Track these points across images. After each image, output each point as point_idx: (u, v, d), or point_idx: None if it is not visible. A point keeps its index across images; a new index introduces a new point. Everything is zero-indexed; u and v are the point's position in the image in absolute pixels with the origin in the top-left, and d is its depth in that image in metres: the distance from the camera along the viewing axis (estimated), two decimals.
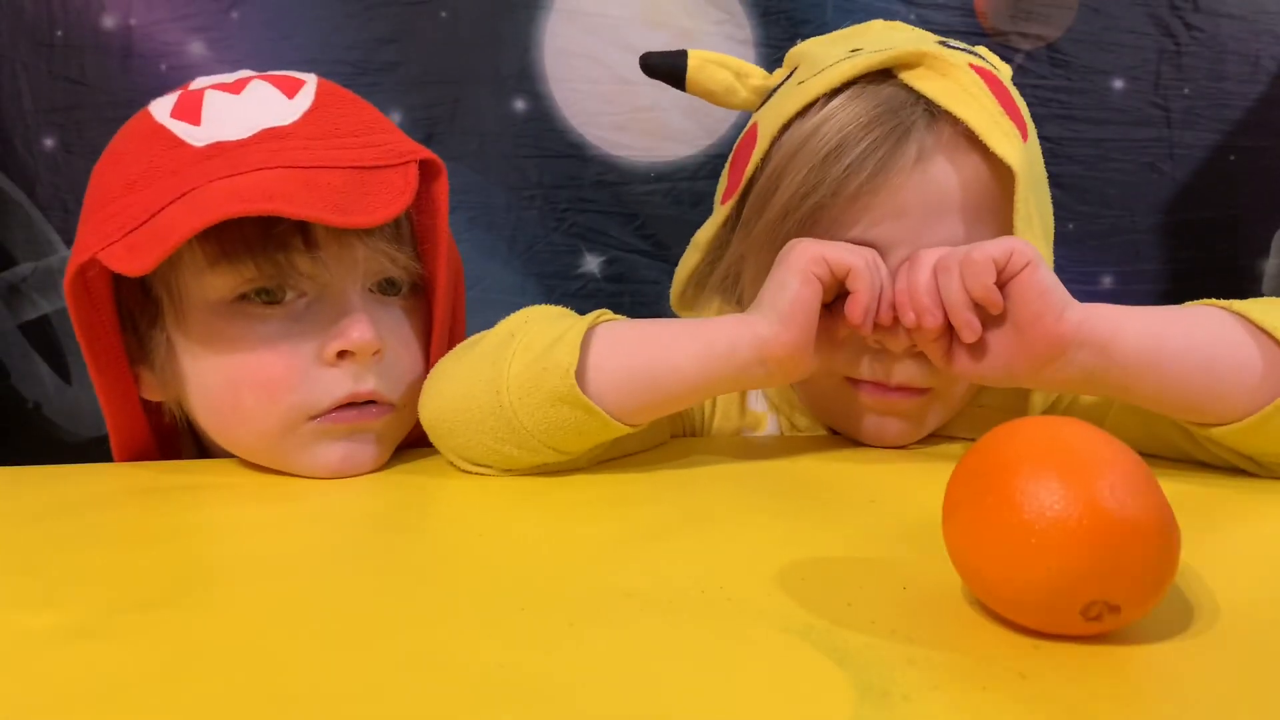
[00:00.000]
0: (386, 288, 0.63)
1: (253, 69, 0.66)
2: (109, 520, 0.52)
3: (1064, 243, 1.11)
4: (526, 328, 0.58)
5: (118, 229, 0.57)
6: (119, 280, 0.60)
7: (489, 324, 0.63)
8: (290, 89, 0.62)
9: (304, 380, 0.59)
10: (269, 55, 1.02)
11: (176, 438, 0.68)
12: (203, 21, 1.01)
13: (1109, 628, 0.37)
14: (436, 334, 0.64)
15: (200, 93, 0.62)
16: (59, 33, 1.01)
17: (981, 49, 0.69)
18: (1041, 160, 0.67)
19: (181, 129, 0.60)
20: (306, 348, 0.59)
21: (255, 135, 0.59)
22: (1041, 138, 0.67)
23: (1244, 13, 1.09)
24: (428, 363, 0.64)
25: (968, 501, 0.39)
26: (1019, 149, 0.61)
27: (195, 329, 0.60)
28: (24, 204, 1.04)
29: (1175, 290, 1.12)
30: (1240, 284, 1.14)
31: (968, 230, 0.61)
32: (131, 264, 0.55)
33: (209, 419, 0.63)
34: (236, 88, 0.62)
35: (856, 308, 0.58)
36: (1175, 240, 1.12)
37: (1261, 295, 1.13)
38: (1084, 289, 1.12)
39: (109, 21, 1.01)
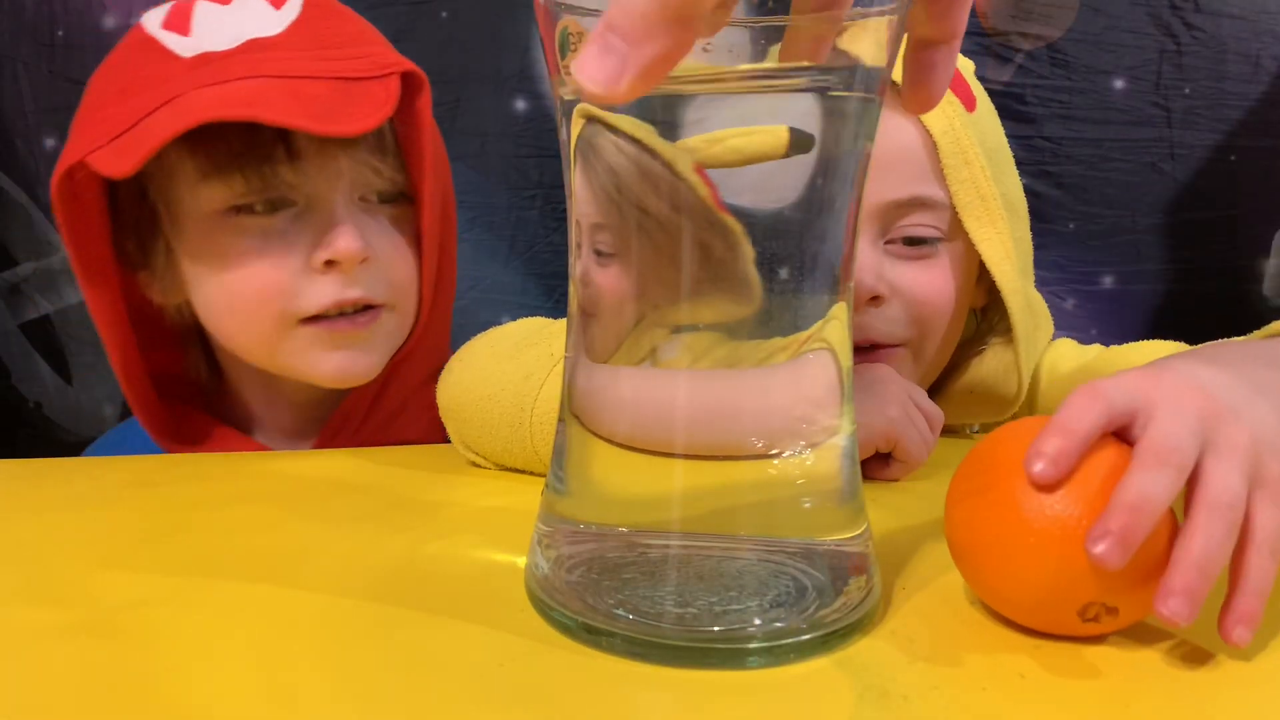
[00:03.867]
0: (375, 198, 0.66)
1: None
2: (110, 515, 0.53)
3: (1064, 243, 1.12)
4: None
5: (105, 134, 0.59)
6: (120, 191, 0.63)
7: (489, 324, 0.63)
8: (277, 0, 0.64)
9: (294, 286, 0.62)
10: None
11: (180, 343, 0.71)
12: None
13: (1108, 629, 0.37)
14: (426, 242, 0.67)
15: (191, 3, 0.63)
16: (60, 33, 1.01)
17: None
18: (1001, 137, 0.70)
19: (171, 39, 0.62)
20: (296, 256, 0.62)
21: (241, 45, 0.61)
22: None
23: (1245, 13, 1.09)
24: (420, 266, 0.68)
25: (968, 499, 0.39)
26: (951, 115, 0.64)
27: (192, 239, 0.64)
28: (25, 204, 1.04)
29: (1175, 290, 1.12)
30: (1240, 284, 1.13)
31: (907, 183, 0.64)
32: (116, 166, 0.57)
33: (212, 324, 0.67)
34: None
35: (901, 472, 0.59)
36: (1175, 240, 1.12)
37: (1262, 295, 1.13)
38: (1084, 289, 1.12)
39: (110, 21, 1.01)
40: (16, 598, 0.42)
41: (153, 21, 0.64)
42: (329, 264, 0.62)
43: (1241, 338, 0.56)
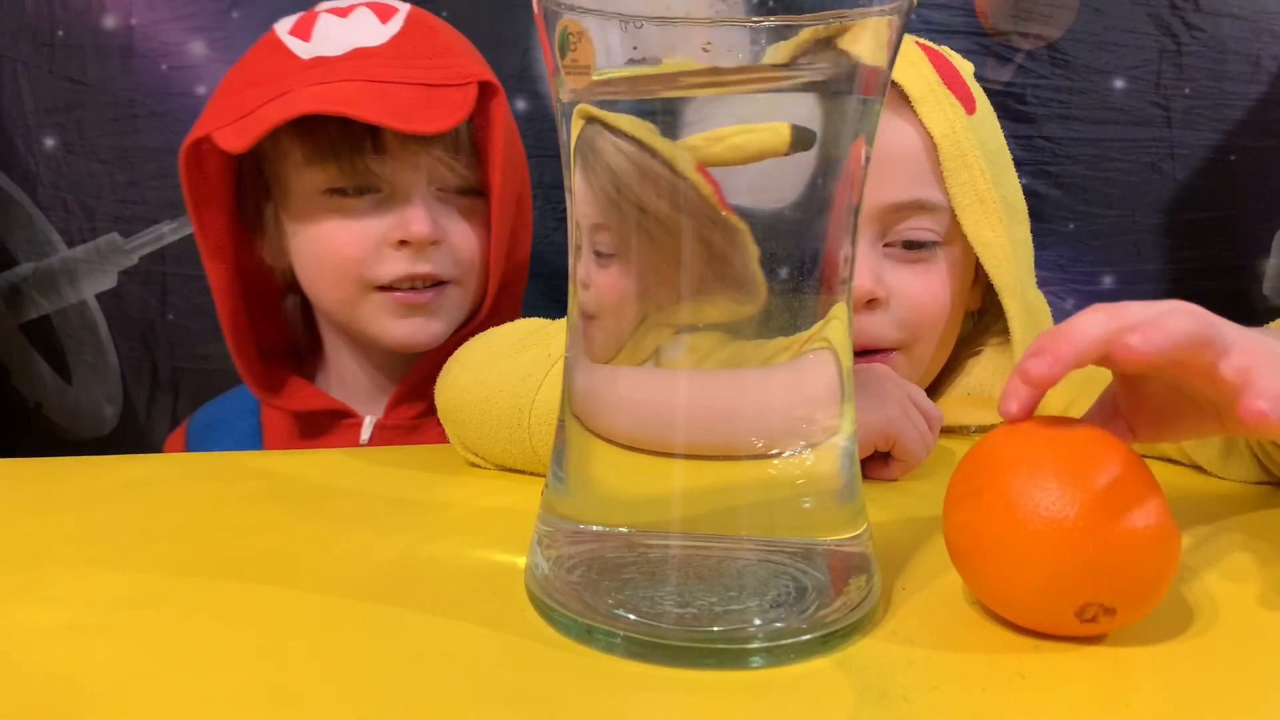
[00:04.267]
0: (449, 189, 0.77)
1: None
2: (110, 515, 0.52)
3: (1064, 243, 1.12)
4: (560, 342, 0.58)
5: (229, 116, 0.73)
6: (242, 167, 0.78)
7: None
8: (385, 15, 0.77)
9: (373, 258, 0.75)
10: None
11: (279, 297, 0.85)
12: (203, 21, 1.01)
13: (1105, 629, 0.37)
14: (495, 230, 0.77)
15: (316, 14, 0.77)
16: (60, 32, 1.01)
17: (944, 48, 0.72)
18: (1000, 139, 0.70)
19: (293, 43, 0.75)
20: (376, 233, 0.75)
21: (349, 53, 0.73)
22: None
23: (1245, 13, 1.09)
24: (488, 249, 0.79)
25: (966, 499, 0.39)
26: (952, 118, 0.64)
27: (295, 213, 0.77)
28: (25, 204, 1.04)
29: (1176, 290, 1.12)
30: (1240, 284, 1.13)
31: (907, 186, 0.64)
32: (234, 143, 0.71)
33: (306, 285, 0.80)
34: (344, 12, 0.77)
35: (900, 472, 0.59)
36: (1175, 240, 1.12)
37: (1262, 295, 1.13)
38: (1085, 289, 1.12)
39: (110, 21, 1.01)
40: (16, 598, 0.42)
41: (283, 27, 0.77)
42: (403, 243, 0.74)
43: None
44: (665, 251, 0.37)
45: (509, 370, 0.58)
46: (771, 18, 0.36)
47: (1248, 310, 1.12)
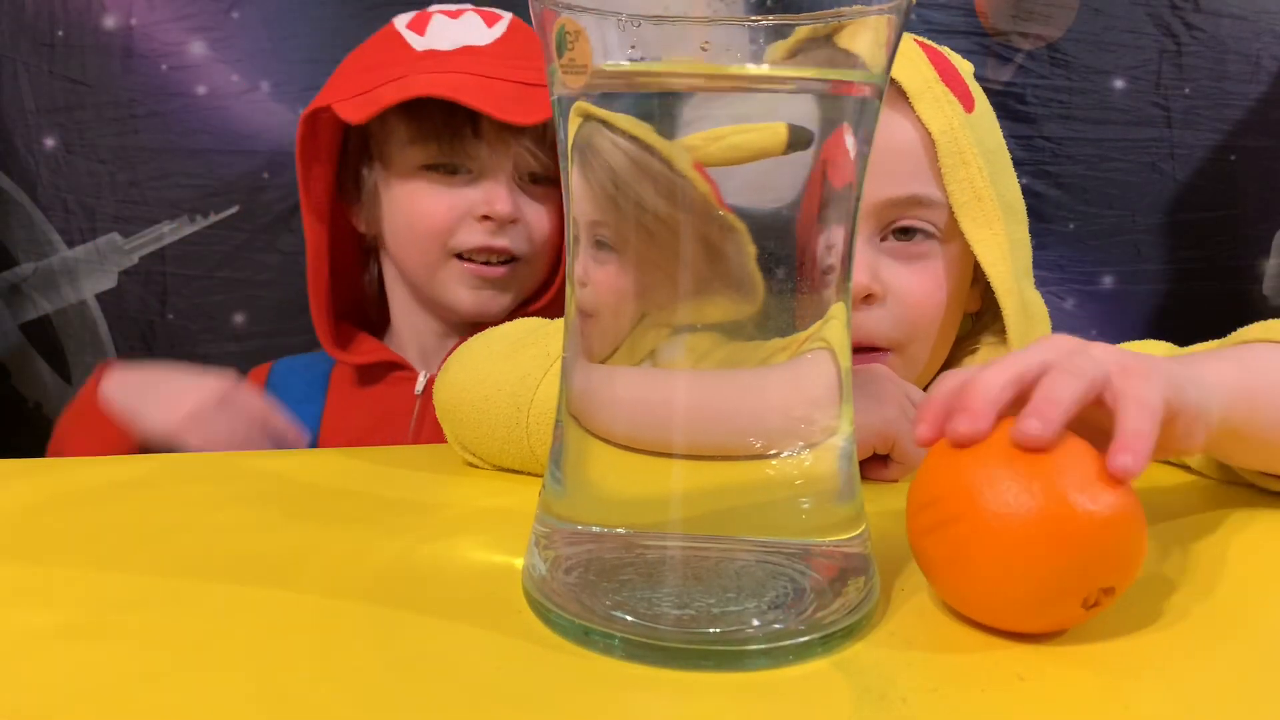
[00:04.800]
0: (531, 177, 0.87)
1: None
2: (110, 515, 0.52)
3: (1064, 243, 1.12)
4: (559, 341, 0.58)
5: (349, 92, 0.84)
6: (349, 143, 0.89)
7: None
8: (491, 20, 0.88)
9: (457, 228, 0.85)
10: (269, 55, 1.02)
11: (364, 260, 0.96)
12: (203, 21, 1.01)
13: (1106, 608, 0.37)
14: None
15: (430, 13, 0.88)
16: (60, 32, 1.01)
17: (944, 48, 0.72)
18: (999, 138, 0.70)
19: (410, 35, 0.86)
20: (463, 206, 0.85)
21: (458, 50, 0.84)
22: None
23: (1245, 13, 1.09)
24: (556, 232, 0.89)
25: (936, 524, 0.38)
26: (950, 115, 0.64)
27: (395, 184, 0.87)
28: (25, 204, 1.04)
29: (1175, 290, 1.12)
30: (1240, 284, 1.13)
31: (904, 182, 0.64)
32: (351, 115, 0.82)
33: (393, 247, 0.90)
34: (455, 14, 0.88)
35: (899, 473, 0.58)
36: (1175, 240, 1.12)
37: (1262, 295, 1.13)
38: (1084, 289, 1.11)
39: (110, 21, 1.01)
40: (16, 598, 0.42)
41: (401, 21, 0.88)
42: (485, 218, 0.85)
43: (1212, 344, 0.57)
44: (663, 249, 0.37)
45: (507, 370, 0.58)
46: (770, 17, 0.36)
47: (1248, 310, 1.12)
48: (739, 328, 0.38)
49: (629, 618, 0.37)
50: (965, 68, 0.71)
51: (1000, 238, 0.65)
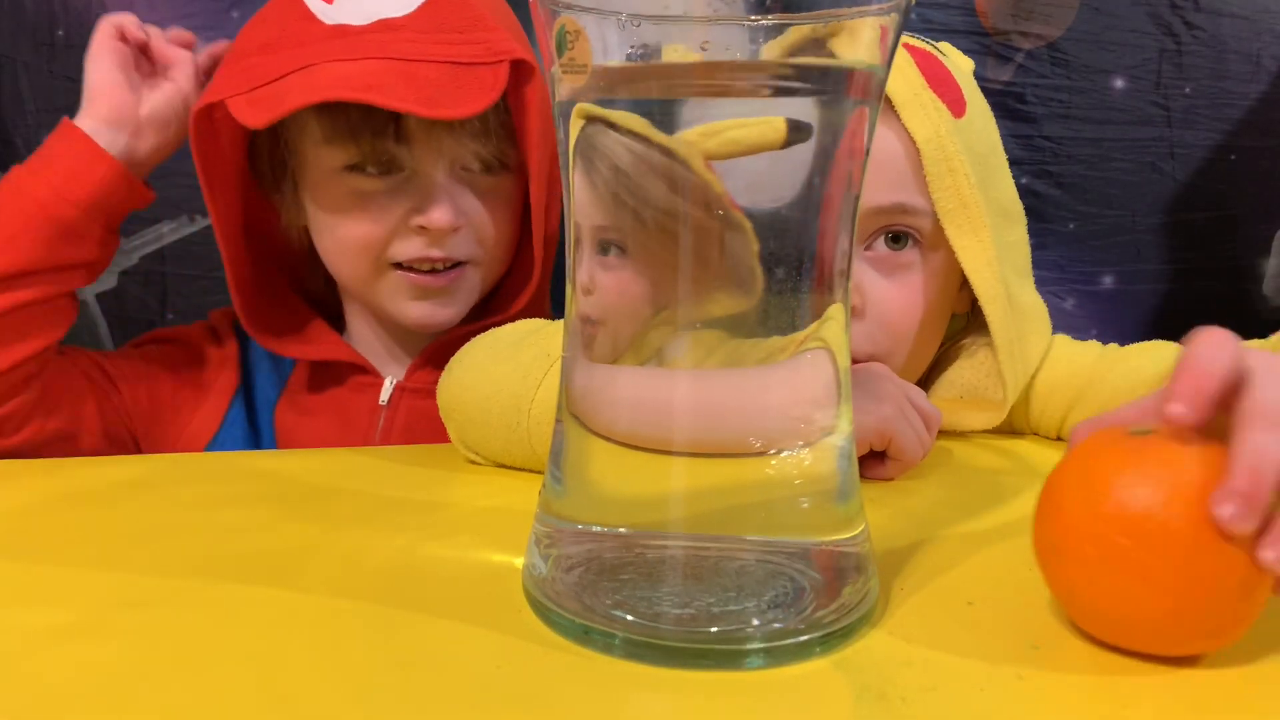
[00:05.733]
0: (476, 168, 0.74)
1: None
2: (110, 515, 0.52)
3: (1064, 242, 1.12)
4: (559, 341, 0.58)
5: (245, 83, 0.68)
6: (256, 134, 0.74)
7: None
8: None
9: (390, 240, 0.72)
10: None
11: (299, 260, 0.81)
12: (203, 21, 1.01)
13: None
14: (535, 212, 0.74)
15: None
16: (60, 32, 1.01)
17: (944, 44, 0.72)
18: (993, 140, 0.69)
19: (316, 6, 0.70)
20: (395, 215, 0.72)
21: (373, 24, 0.68)
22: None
23: (1245, 12, 1.09)
24: (518, 228, 0.78)
25: (1098, 561, 0.36)
26: (937, 122, 0.64)
27: (313, 186, 0.74)
28: None
29: (1175, 290, 1.12)
30: (1240, 284, 1.13)
31: (888, 190, 0.64)
32: (251, 118, 0.66)
33: (324, 258, 0.77)
34: None
35: (897, 471, 0.59)
36: (1175, 240, 1.12)
37: (1262, 295, 1.13)
38: (1084, 289, 1.12)
39: None
40: (16, 598, 0.42)
41: None
42: (422, 228, 0.71)
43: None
44: (673, 247, 0.37)
45: (509, 369, 0.58)
46: (770, 16, 0.36)
47: (1248, 310, 1.12)
48: (740, 324, 0.38)
49: (629, 617, 0.37)
50: (965, 66, 0.70)
51: (986, 244, 0.65)
